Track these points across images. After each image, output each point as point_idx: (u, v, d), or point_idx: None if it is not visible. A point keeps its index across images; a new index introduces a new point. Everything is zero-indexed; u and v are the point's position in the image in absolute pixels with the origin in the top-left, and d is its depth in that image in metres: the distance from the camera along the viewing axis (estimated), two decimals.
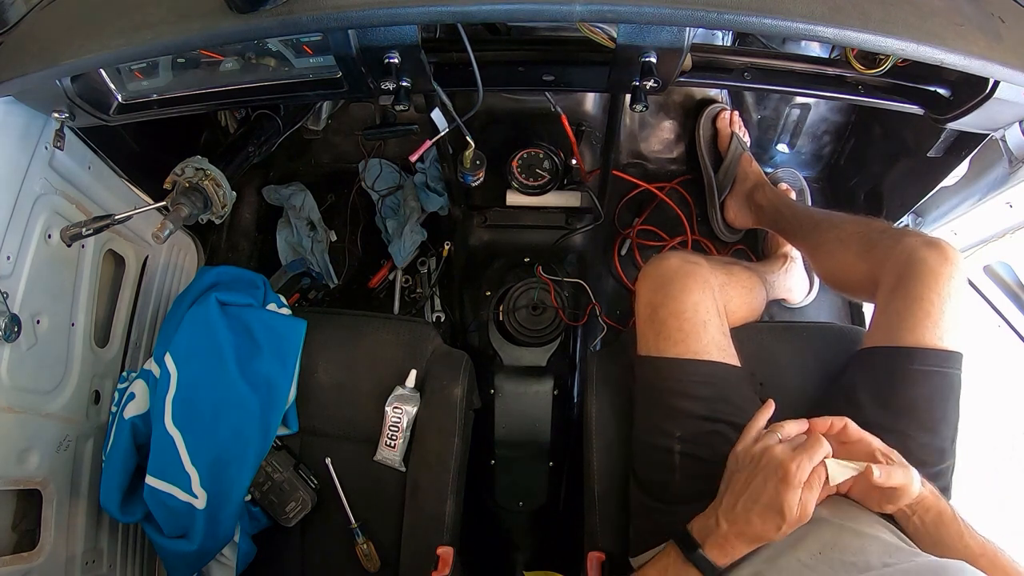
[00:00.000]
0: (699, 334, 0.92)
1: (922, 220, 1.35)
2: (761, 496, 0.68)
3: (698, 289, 0.93)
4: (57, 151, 0.92)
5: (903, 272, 0.91)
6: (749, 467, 0.72)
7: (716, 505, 0.74)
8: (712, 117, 1.57)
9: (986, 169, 1.10)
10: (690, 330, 0.92)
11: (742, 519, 0.69)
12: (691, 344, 0.91)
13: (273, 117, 1.22)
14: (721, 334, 0.94)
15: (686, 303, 0.92)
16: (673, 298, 0.93)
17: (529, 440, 1.34)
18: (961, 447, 0.88)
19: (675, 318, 0.92)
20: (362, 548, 1.08)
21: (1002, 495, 1.34)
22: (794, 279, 1.47)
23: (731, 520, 0.70)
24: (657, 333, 0.93)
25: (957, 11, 0.79)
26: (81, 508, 1.02)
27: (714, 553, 0.71)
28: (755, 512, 0.68)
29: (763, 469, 0.69)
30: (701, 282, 0.94)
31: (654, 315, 0.94)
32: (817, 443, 0.68)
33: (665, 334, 0.93)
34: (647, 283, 0.97)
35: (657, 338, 0.93)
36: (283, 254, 1.64)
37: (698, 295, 0.93)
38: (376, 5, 0.72)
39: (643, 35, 0.77)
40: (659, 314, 0.94)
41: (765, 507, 0.68)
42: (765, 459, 0.70)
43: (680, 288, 0.93)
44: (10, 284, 0.87)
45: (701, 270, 0.96)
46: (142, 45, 0.77)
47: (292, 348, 1.10)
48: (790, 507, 0.66)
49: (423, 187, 1.59)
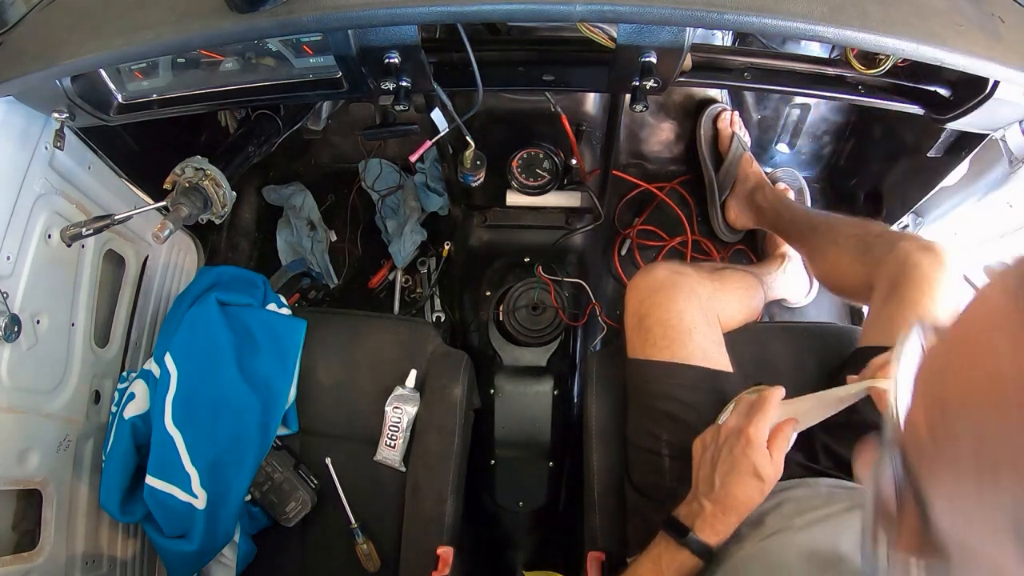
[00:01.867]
0: (684, 341, 0.93)
1: (922, 220, 1.35)
2: (734, 465, 0.71)
3: (683, 298, 0.95)
4: (57, 151, 0.92)
5: (897, 277, 0.92)
6: (711, 446, 0.75)
7: (694, 491, 0.75)
8: (713, 117, 1.57)
9: (986, 169, 1.10)
10: (675, 337, 0.93)
11: (723, 493, 0.71)
12: (676, 350, 0.93)
13: (273, 117, 1.22)
14: (710, 342, 0.95)
15: (671, 311, 0.94)
16: (659, 307, 0.95)
17: (529, 440, 1.34)
18: None
19: (660, 326, 0.94)
20: (362, 548, 1.08)
21: None
22: (793, 279, 1.47)
23: (713, 499, 0.72)
24: (644, 340, 0.95)
25: (957, 11, 0.79)
26: (81, 508, 1.02)
27: (705, 534, 0.72)
28: (733, 482, 0.71)
29: (726, 441, 0.73)
30: (687, 292, 0.96)
31: (640, 324, 0.96)
32: (764, 401, 0.72)
33: (651, 340, 0.94)
34: (635, 294, 0.99)
35: (644, 344, 0.95)
36: (283, 254, 1.64)
37: (683, 304, 0.95)
38: (376, 5, 0.72)
39: (643, 35, 0.77)
40: (645, 323, 0.95)
41: (740, 474, 0.70)
42: (724, 432, 0.74)
43: (666, 298, 0.95)
44: (10, 284, 0.87)
45: (688, 280, 0.97)
46: (142, 45, 0.77)
47: (292, 348, 1.10)
48: (763, 466, 0.70)
49: (423, 187, 1.59)
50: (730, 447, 0.72)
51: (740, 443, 0.71)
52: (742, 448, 0.71)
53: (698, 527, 0.72)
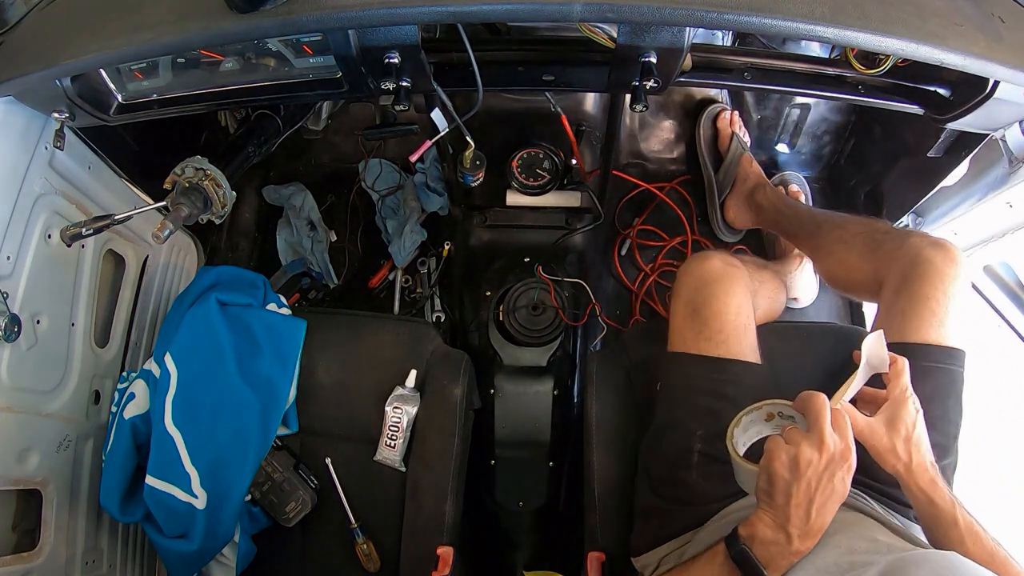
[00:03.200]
0: (740, 337, 0.92)
1: (922, 220, 1.35)
2: (834, 493, 0.64)
3: (741, 292, 0.93)
4: (57, 151, 0.92)
5: (908, 272, 0.92)
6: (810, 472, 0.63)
7: (781, 520, 0.65)
8: (712, 117, 1.57)
9: (986, 169, 1.10)
10: (731, 332, 0.92)
11: (818, 525, 0.64)
12: (731, 346, 0.91)
13: (273, 117, 1.22)
14: (755, 336, 0.95)
15: (729, 305, 0.92)
16: (717, 299, 0.93)
17: (529, 440, 1.34)
18: (961, 445, 0.88)
19: (717, 319, 0.92)
20: (362, 548, 1.08)
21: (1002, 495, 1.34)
22: (806, 279, 1.47)
23: (805, 532, 0.64)
24: (698, 332, 0.93)
25: (957, 11, 0.79)
26: (81, 508, 1.02)
27: (779, 571, 0.66)
28: (828, 511, 0.65)
29: (827, 467, 0.63)
30: (744, 286, 0.94)
31: (695, 314, 0.94)
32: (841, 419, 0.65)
33: (706, 335, 0.92)
34: (688, 281, 0.96)
35: (697, 337, 0.93)
36: (283, 254, 1.64)
37: (741, 298, 0.93)
38: (376, 5, 0.71)
39: (643, 35, 0.77)
40: (701, 313, 0.93)
41: (837, 501, 0.65)
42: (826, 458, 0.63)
43: (723, 290, 0.93)
44: (10, 284, 0.87)
45: (742, 274, 0.96)
46: (142, 45, 0.77)
47: (292, 348, 1.10)
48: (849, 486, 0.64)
49: (423, 187, 1.59)
50: (832, 474, 0.63)
51: (843, 469, 0.63)
52: (843, 475, 0.63)
53: (775, 564, 0.65)
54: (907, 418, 0.75)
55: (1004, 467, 1.35)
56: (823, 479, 0.63)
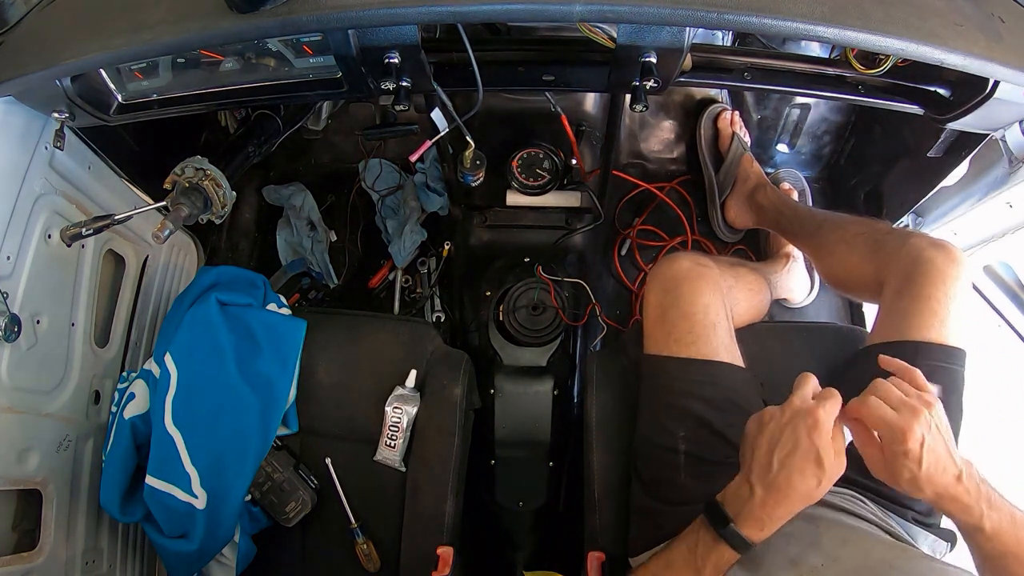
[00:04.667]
0: (709, 336, 0.92)
1: (922, 220, 1.35)
2: (797, 447, 0.64)
3: (709, 291, 0.93)
4: (57, 151, 0.92)
5: (910, 272, 0.92)
6: (771, 424, 0.67)
7: (746, 472, 0.68)
8: (713, 117, 1.57)
9: (986, 169, 1.10)
10: (700, 332, 0.91)
11: (781, 478, 0.64)
12: (701, 346, 0.91)
13: (273, 117, 1.22)
14: (729, 336, 0.94)
15: (697, 305, 0.92)
16: (684, 300, 0.93)
17: (529, 440, 1.34)
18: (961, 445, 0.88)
19: (686, 320, 0.92)
20: (362, 548, 1.08)
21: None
22: (796, 279, 1.47)
23: (767, 484, 0.65)
24: (667, 334, 0.93)
25: (957, 11, 0.79)
26: (81, 508, 1.02)
27: (749, 526, 0.66)
28: (794, 467, 0.64)
29: (790, 421, 0.65)
30: (712, 285, 0.94)
31: (664, 316, 0.94)
32: (832, 393, 0.66)
33: (675, 336, 0.92)
34: (657, 284, 0.96)
35: (667, 339, 0.93)
36: (283, 254, 1.64)
37: (709, 297, 0.93)
38: (376, 5, 0.72)
39: (643, 35, 0.77)
40: (669, 315, 0.93)
41: (802, 458, 0.63)
42: (789, 412, 0.66)
43: (691, 290, 0.93)
44: (10, 284, 0.87)
45: (712, 272, 0.95)
46: (142, 45, 0.77)
47: (292, 348, 1.10)
48: (827, 452, 0.63)
49: (423, 187, 1.59)
50: (794, 427, 0.64)
51: (807, 424, 0.63)
52: (808, 430, 0.63)
53: (743, 516, 0.66)
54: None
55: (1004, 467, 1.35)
56: (785, 431, 0.65)
